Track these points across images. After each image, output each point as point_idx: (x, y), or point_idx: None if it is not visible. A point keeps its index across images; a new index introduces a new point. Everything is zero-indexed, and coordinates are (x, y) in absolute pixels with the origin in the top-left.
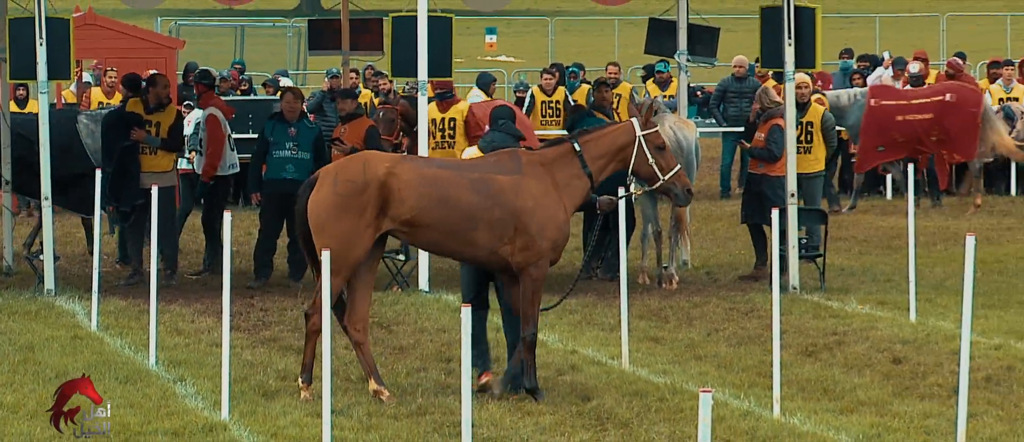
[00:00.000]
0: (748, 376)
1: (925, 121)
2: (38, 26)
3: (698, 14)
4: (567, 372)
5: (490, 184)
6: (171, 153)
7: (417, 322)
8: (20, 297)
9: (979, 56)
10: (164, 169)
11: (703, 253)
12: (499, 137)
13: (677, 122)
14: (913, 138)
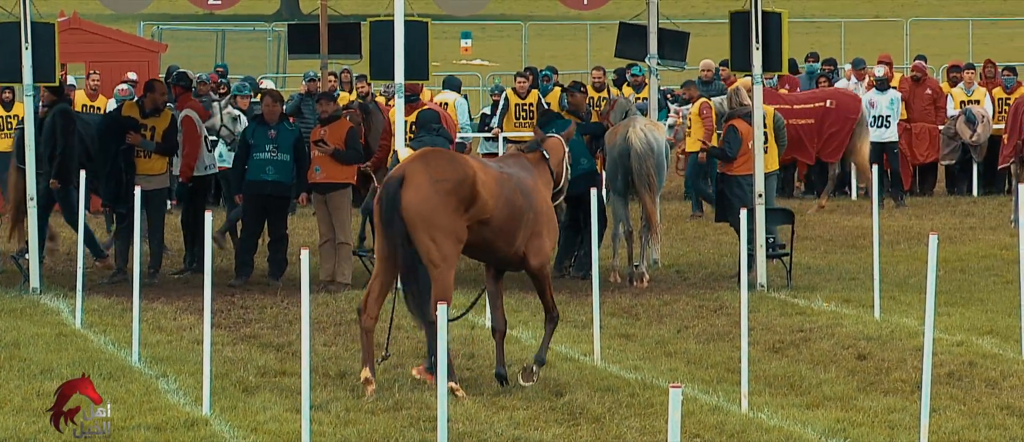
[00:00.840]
0: (717, 372)
1: (808, 126)
2: (23, 30)
3: (668, 18)
4: None
5: (525, 185)
6: (165, 157)
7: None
8: (6, 295)
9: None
10: (157, 172)
11: (673, 252)
12: (430, 139)
13: (648, 125)
14: (796, 142)
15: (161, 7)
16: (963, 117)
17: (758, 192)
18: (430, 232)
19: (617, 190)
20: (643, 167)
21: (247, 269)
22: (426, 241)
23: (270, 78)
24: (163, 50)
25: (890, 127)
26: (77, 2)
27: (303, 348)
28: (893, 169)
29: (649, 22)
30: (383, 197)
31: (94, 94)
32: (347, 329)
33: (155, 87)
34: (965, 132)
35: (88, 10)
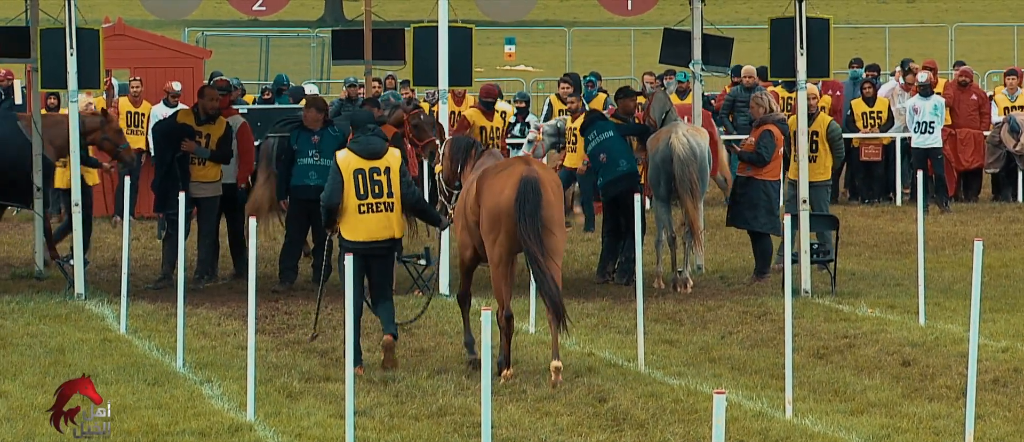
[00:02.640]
0: (761, 378)
1: None
2: (68, 36)
3: (712, 24)
4: (584, 374)
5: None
6: (219, 164)
7: (438, 325)
8: (51, 300)
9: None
10: (211, 179)
11: (717, 258)
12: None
13: (690, 130)
14: None
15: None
16: (1007, 125)
17: (802, 198)
18: (561, 230)
19: (660, 196)
20: (686, 173)
21: (291, 275)
22: (560, 236)
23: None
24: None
25: (934, 133)
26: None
27: (347, 354)
28: (938, 175)
29: (693, 28)
30: (527, 198)
31: (137, 100)
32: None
33: (206, 93)
34: (1009, 141)
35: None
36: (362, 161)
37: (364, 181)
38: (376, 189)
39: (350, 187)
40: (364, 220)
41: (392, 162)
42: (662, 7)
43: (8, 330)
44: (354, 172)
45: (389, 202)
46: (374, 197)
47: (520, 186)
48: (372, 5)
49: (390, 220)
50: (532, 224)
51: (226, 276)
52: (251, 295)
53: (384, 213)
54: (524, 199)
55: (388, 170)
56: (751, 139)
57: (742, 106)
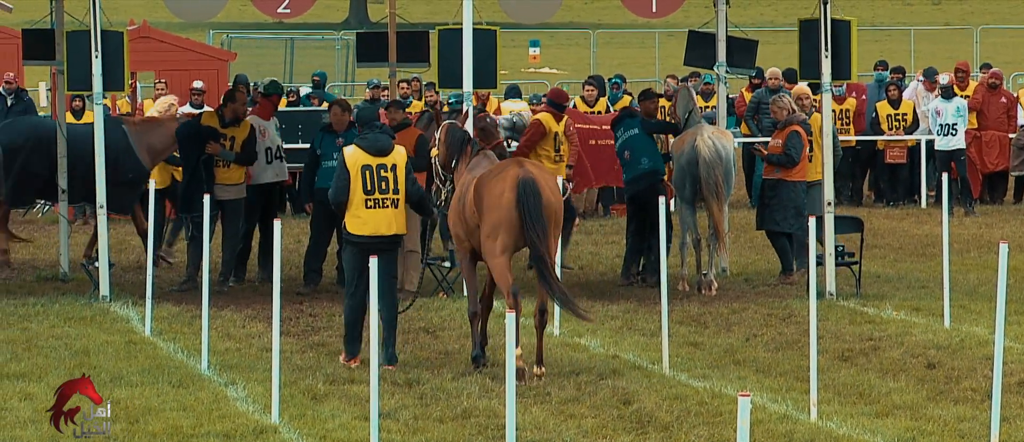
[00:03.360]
0: (786, 380)
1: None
2: (94, 38)
3: (737, 26)
4: (609, 376)
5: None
6: (243, 167)
7: (462, 327)
8: (76, 303)
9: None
10: (234, 181)
11: (741, 260)
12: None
13: (715, 133)
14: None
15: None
16: None
17: (827, 200)
18: (558, 228)
19: (685, 198)
20: (711, 175)
21: (316, 277)
22: (556, 236)
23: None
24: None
25: (957, 135)
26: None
27: (371, 356)
28: (961, 177)
29: (718, 30)
30: (527, 198)
31: None
32: (415, 337)
33: (235, 97)
34: None
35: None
36: (369, 158)
37: (371, 177)
38: (383, 185)
39: (357, 182)
40: (370, 215)
41: (399, 159)
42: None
43: (33, 332)
44: (361, 168)
45: (395, 198)
46: (380, 193)
47: (519, 189)
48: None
49: (395, 216)
50: (539, 225)
51: (254, 278)
52: (276, 297)
53: (389, 209)
54: (525, 202)
55: (395, 167)
56: (777, 141)
57: (767, 108)
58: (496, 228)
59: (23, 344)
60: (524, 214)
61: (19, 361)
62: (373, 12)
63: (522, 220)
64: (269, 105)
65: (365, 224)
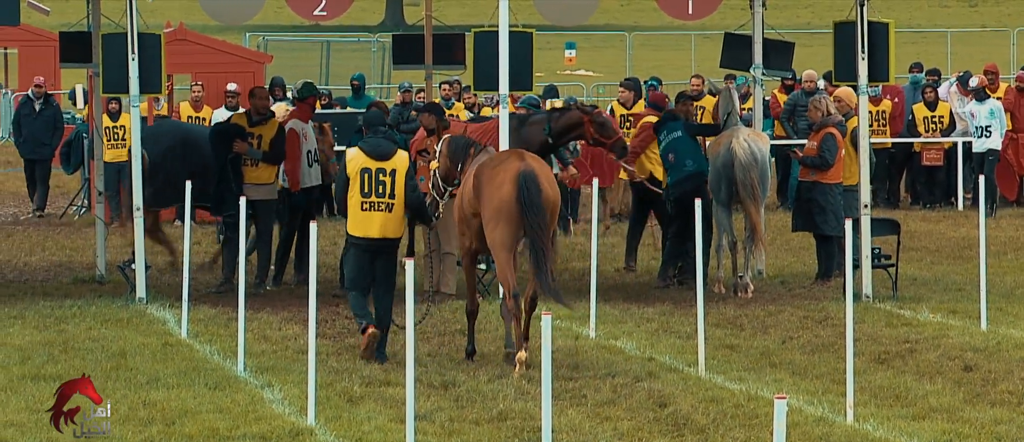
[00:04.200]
0: (822, 383)
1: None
2: (130, 41)
3: (773, 28)
4: (645, 379)
5: None
6: (272, 166)
7: (498, 330)
8: (113, 305)
9: None
10: (264, 181)
11: (777, 263)
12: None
13: (751, 135)
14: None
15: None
16: None
17: (864, 203)
18: (554, 220)
19: (721, 201)
20: (747, 178)
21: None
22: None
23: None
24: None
25: (991, 136)
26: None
27: (407, 358)
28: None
29: (754, 32)
30: (528, 191)
31: (198, 105)
32: (451, 339)
33: (257, 93)
34: None
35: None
36: (370, 161)
37: (370, 180)
38: (380, 189)
39: (355, 185)
40: (364, 217)
41: (399, 165)
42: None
43: (70, 334)
44: (361, 170)
45: (390, 203)
46: (377, 196)
47: (519, 181)
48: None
49: (388, 220)
50: (538, 217)
51: (291, 280)
52: (312, 299)
53: (384, 213)
54: (525, 194)
55: (394, 172)
56: (812, 143)
57: (803, 111)
58: (497, 218)
59: (60, 346)
60: (524, 206)
61: (56, 363)
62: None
63: (522, 212)
64: (307, 108)
65: (359, 225)
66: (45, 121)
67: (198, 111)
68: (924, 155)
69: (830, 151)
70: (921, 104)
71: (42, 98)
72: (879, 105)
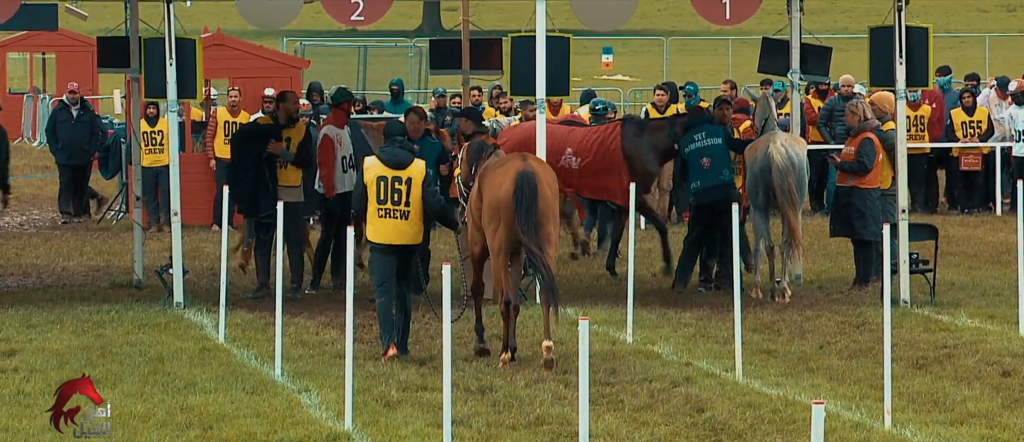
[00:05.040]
0: (860, 388)
1: None
2: (168, 46)
3: (810, 33)
4: (682, 384)
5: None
6: (300, 168)
7: (535, 335)
8: (150, 309)
9: None
10: (293, 184)
11: (815, 267)
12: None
13: (789, 139)
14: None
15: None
16: None
17: (902, 208)
18: (555, 221)
19: (758, 205)
20: (784, 182)
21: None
22: (554, 228)
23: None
24: (305, 66)
25: None
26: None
27: (444, 363)
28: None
29: (791, 37)
30: (524, 193)
31: (235, 110)
32: (488, 343)
33: (287, 97)
34: None
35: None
36: (386, 170)
37: (385, 188)
38: (395, 197)
39: (372, 192)
40: (381, 224)
41: (414, 173)
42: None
43: (108, 339)
44: (377, 178)
45: (405, 210)
46: (392, 204)
47: (517, 181)
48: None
49: (405, 227)
50: (529, 218)
51: (327, 285)
52: (349, 304)
53: (399, 220)
54: (521, 194)
55: (409, 181)
56: (850, 148)
57: (840, 115)
58: (493, 216)
59: (98, 351)
60: (518, 206)
61: (93, 368)
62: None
63: (516, 212)
64: (342, 113)
65: (377, 232)
66: (83, 127)
67: (235, 116)
68: (962, 160)
69: (868, 155)
70: (959, 109)
71: (78, 103)
72: (918, 110)
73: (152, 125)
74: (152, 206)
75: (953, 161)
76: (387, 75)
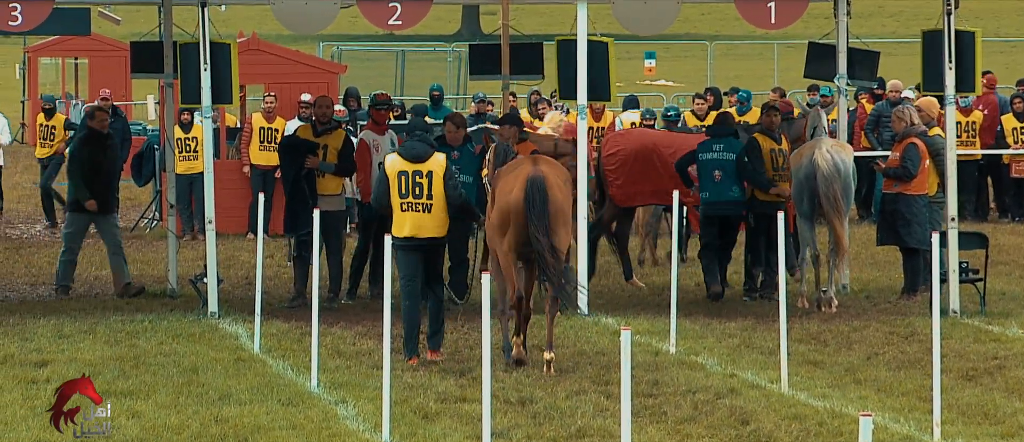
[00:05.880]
0: (908, 400)
1: None
2: (202, 51)
3: (858, 37)
4: (726, 395)
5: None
6: (341, 177)
7: (576, 344)
8: (184, 319)
9: None
10: (332, 192)
11: (862, 277)
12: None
13: (834, 146)
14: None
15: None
16: None
17: (951, 215)
18: (567, 225)
19: (804, 213)
20: (830, 190)
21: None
22: (565, 233)
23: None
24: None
25: None
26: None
27: (484, 374)
28: None
29: (838, 41)
30: (535, 196)
31: (271, 116)
32: (529, 354)
33: (320, 102)
34: None
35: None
36: (406, 164)
37: (406, 182)
38: (417, 190)
39: (394, 187)
40: (405, 217)
41: (435, 167)
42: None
43: (141, 349)
44: (398, 173)
45: (427, 203)
46: (414, 197)
47: (527, 186)
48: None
49: (428, 220)
50: (541, 222)
51: (365, 294)
52: (386, 313)
53: (422, 213)
54: (532, 199)
55: (430, 174)
56: (895, 154)
57: (887, 121)
58: (504, 221)
59: (131, 361)
60: (529, 211)
61: (127, 378)
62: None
63: (526, 217)
64: (382, 117)
65: (400, 226)
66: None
67: (271, 122)
68: (1013, 167)
69: (913, 162)
70: (1010, 115)
71: (110, 110)
72: (970, 116)
73: (186, 131)
74: (186, 214)
75: (1003, 168)
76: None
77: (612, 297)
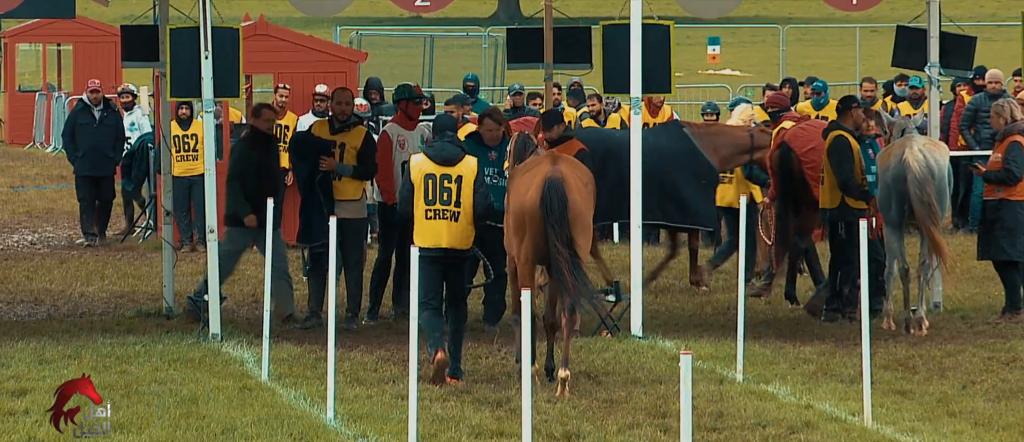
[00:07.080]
0: (1009, 435)
1: None
2: (203, 37)
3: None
4: (801, 430)
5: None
6: (361, 181)
7: (629, 372)
8: (182, 342)
9: None
10: (351, 197)
11: (957, 294)
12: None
13: (927, 144)
14: None
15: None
16: None
17: None
18: (587, 231)
19: (891, 221)
20: (923, 194)
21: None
22: (586, 240)
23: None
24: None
25: None
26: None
27: (524, 404)
28: None
29: (929, 25)
30: (552, 199)
31: (280, 111)
32: (575, 382)
33: (338, 97)
34: None
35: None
36: (435, 166)
37: (434, 187)
38: (445, 196)
39: (419, 192)
40: (429, 226)
41: (465, 171)
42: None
43: (134, 376)
44: (425, 177)
45: (455, 211)
46: (441, 204)
47: (545, 188)
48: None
49: (454, 229)
50: (560, 228)
51: (388, 313)
52: (412, 336)
53: (448, 221)
54: (549, 203)
55: (460, 179)
56: (996, 155)
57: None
58: (519, 226)
59: (122, 390)
60: (547, 216)
61: (117, 410)
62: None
63: (545, 222)
64: (413, 110)
65: (424, 235)
66: (107, 131)
67: (280, 118)
68: None
69: (1016, 162)
70: None
71: (101, 104)
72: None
73: (185, 128)
74: (184, 222)
75: None
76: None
77: (669, 318)
